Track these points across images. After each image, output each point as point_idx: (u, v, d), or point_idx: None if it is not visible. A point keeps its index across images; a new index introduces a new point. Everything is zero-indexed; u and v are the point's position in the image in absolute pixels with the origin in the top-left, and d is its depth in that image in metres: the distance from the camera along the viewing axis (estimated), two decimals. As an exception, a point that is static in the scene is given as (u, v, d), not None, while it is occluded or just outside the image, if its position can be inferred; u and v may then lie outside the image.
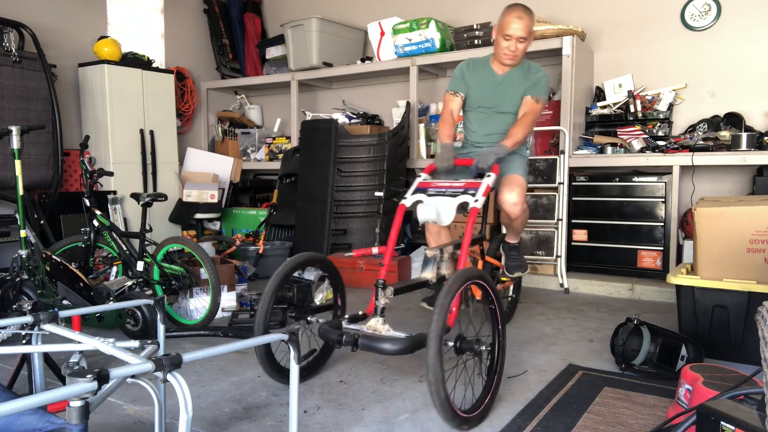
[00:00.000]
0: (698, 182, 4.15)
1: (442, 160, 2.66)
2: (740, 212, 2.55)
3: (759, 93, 4.02)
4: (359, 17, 5.54)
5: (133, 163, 4.69)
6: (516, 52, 2.79)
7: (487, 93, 2.92)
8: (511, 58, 2.81)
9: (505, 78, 2.89)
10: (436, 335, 1.83)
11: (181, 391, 1.14)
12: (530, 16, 2.77)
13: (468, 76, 2.95)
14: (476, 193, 2.39)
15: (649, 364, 2.47)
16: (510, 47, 2.77)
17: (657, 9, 4.33)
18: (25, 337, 1.65)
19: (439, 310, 1.87)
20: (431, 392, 1.82)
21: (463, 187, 2.46)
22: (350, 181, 4.66)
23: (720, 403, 1.38)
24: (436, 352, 1.82)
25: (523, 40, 2.76)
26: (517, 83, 2.86)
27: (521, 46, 2.78)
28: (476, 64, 2.98)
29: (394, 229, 2.49)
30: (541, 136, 4.47)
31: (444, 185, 2.52)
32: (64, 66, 4.53)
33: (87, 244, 3.27)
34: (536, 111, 2.83)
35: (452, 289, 1.94)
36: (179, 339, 3.04)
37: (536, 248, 4.23)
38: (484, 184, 2.43)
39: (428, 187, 2.54)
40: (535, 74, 2.86)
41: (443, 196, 2.46)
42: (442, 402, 1.83)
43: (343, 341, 2.03)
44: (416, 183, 2.62)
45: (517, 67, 2.89)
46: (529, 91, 2.84)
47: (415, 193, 2.54)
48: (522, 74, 2.87)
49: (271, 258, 4.65)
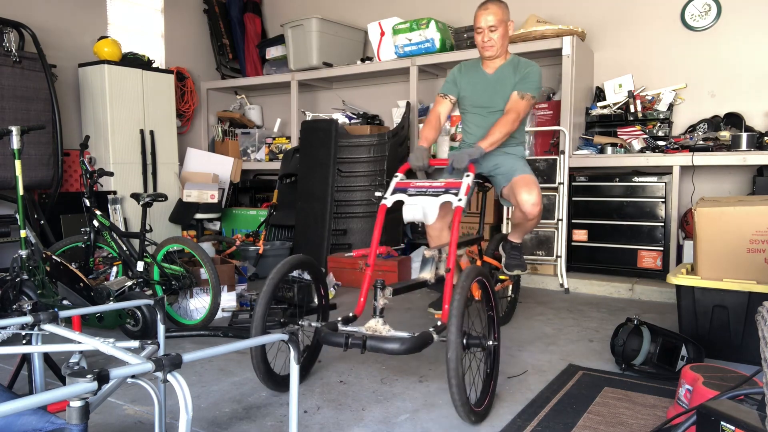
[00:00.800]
0: (698, 182, 4.15)
1: (417, 159, 2.66)
2: (740, 212, 2.55)
3: (759, 93, 4.02)
4: (359, 17, 5.54)
5: (133, 163, 4.69)
6: (491, 42, 2.81)
7: (479, 93, 2.93)
8: (488, 48, 2.83)
9: (496, 76, 2.89)
10: (458, 312, 1.90)
11: (181, 391, 1.14)
12: (498, 5, 2.80)
13: (460, 79, 2.97)
14: (458, 192, 2.38)
15: (649, 364, 2.47)
16: (483, 38, 2.82)
17: (657, 9, 4.33)
18: (25, 337, 1.65)
19: (460, 290, 1.95)
20: (449, 369, 1.87)
21: (444, 187, 2.44)
22: (350, 181, 4.66)
23: (720, 403, 1.38)
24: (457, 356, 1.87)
25: (494, 28, 2.78)
26: (507, 80, 2.85)
27: (495, 35, 2.79)
28: (468, 66, 3.01)
29: (377, 230, 2.46)
30: (541, 136, 4.47)
31: (424, 185, 2.49)
32: (64, 66, 4.53)
33: (87, 244, 3.27)
34: (519, 108, 2.77)
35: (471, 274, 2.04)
36: (179, 339, 3.04)
37: (536, 248, 4.23)
38: (464, 183, 2.41)
39: (407, 187, 2.51)
40: (525, 69, 2.84)
41: (424, 195, 2.45)
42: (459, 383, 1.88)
43: (350, 344, 2.01)
44: (394, 183, 2.57)
45: (507, 64, 2.89)
46: (517, 87, 2.81)
47: (395, 193, 2.51)
48: (512, 70, 2.86)
49: (271, 258, 4.65)
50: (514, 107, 2.77)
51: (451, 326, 1.90)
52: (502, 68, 2.89)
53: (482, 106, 2.93)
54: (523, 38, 4.33)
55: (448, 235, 2.89)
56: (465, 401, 1.91)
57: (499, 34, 2.80)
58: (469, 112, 3.00)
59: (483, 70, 2.94)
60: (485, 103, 2.92)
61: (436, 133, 2.91)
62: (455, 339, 1.87)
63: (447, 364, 1.88)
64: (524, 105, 2.79)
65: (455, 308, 1.92)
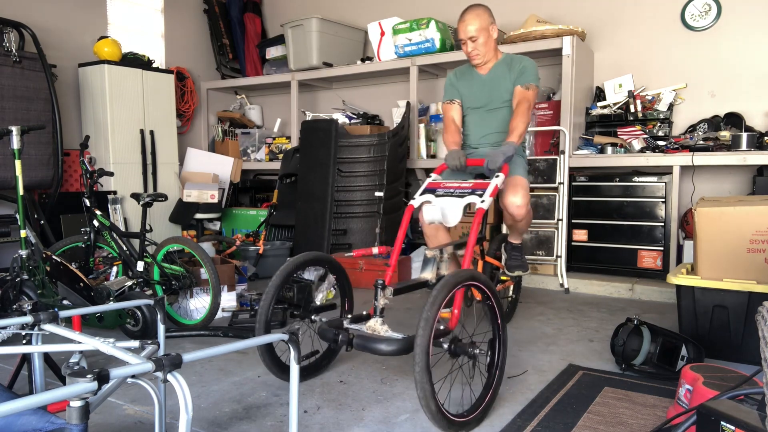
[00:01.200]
0: (698, 182, 4.15)
1: (453, 158, 2.69)
2: (740, 212, 2.55)
3: (759, 93, 4.02)
4: (359, 17, 5.54)
5: (133, 163, 4.69)
6: (476, 50, 2.87)
7: (476, 93, 2.97)
8: (474, 57, 2.91)
9: (490, 76, 2.94)
10: (422, 350, 1.77)
11: (181, 391, 1.14)
12: (476, 12, 2.84)
13: (457, 83, 3.03)
14: (483, 194, 2.40)
15: (649, 364, 2.47)
16: (468, 49, 2.89)
17: (657, 9, 4.33)
18: (25, 337, 1.65)
19: (423, 324, 1.80)
20: (422, 406, 1.80)
21: (471, 188, 2.47)
22: (350, 181, 4.66)
23: (720, 403, 1.38)
24: (423, 368, 1.76)
25: (475, 38, 2.84)
26: (503, 78, 2.90)
27: (478, 43, 2.85)
28: (462, 71, 3.07)
29: (402, 230, 2.50)
30: (541, 136, 4.47)
31: (453, 186, 2.53)
32: (64, 66, 4.53)
33: (87, 244, 3.27)
34: (529, 98, 2.81)
35: (437, 300, 1.86)
36: (179, 339, 3.04)
37: (536, 248, 4.23)
38: (492, 184, 2.44)
39: (437, 188, 2.57)
40: (519, 64, 2.88)
41: (451, 196, 2.47)
42: (434, 414, 1.81)
43: (339, 340, 2.04)
44: (426, 183, 2.64)
45: (500, 63, 2.94)
46: (518, 81, 2.85)
47: (424, 194, 2.56)
48: (506, 68, 2.91)
49: (271, 258, 4.65)
50: (524, 98, 2.80)
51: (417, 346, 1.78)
52: (495, 67, 2.94)
53: (479, 106, 2.98)
54: (523, 38, 4.33)
55: (445, 235, 2.90)
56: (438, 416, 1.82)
57: (482, 42, 2.85)
58: (467, 114, 3.05)
59: (477, 72, 3.00)
60: (482, 102, 2.96)
61: (459, 136, 2.97)
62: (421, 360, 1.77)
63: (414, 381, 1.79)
64: (531, 95, 2.83)
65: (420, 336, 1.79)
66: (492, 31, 2.88)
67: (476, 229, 2.34)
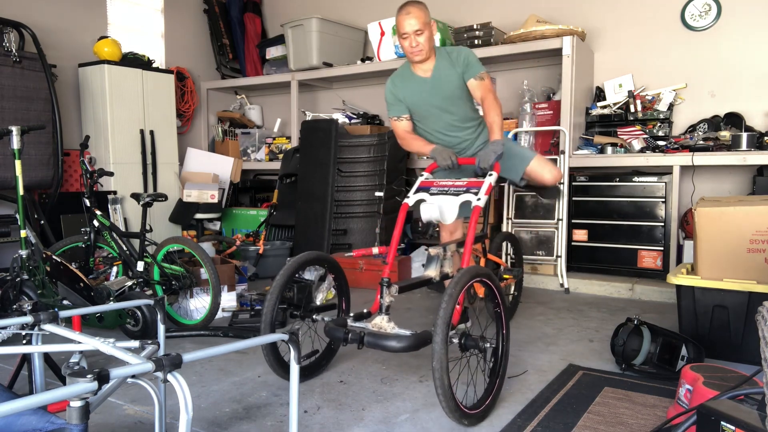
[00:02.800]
0: (698, 182, 4.15)
1: (444, 158, 2.67)
2: (740, 212, 2.55)
3: (759, 93, 4.02)
4: (359, 17, 5.54)
5: (133, 163, 4.69)
6: (419, 47, 2.73)
7: (426, 99, 2.85)
8: (417, 53, 2.75)
9: (435, 77, 2.82)
10: (443, 322, 1.86)
11: (181, 391, 1.14)
12: (419, 7, 2.73)
13: (400, 94, 2.89)
14: (479, 192, 2.40)
15: (650, 364, 2.47)
16: (411, 44, 2.73)
17: (657, 9, 4.33)
18: (26, 337, 1.65)
19: (447, 298, 1.90)
20: (435, 378, 1.84)
21: (465, 186, 2.47)
22: (350, 181, 4.66)
23: (720, 403, 1.38)
24: (442, 339, 1.84)
25: (420, 32, 2.70)
26: (449, 75, 2.79)
27: (421, 39, 2.72)
28: (400, 78, 2.92)
29: (398, 229, 2.51)
30: (541, 136, 4.47)
31: (446, 184, 2.54)
32: (64, 66, 4.53)
33: (87, 244, 3.27)
34: (490, 86, 2.75)
35: (462, 280, 1.97)
36: (179, 339, 3.04)
37: (536, 248, 4.23)
38: (486, 182, 2.44)
39: (430, 186, 2.56)
40: (459, 56, 2.78)
41: (446, 195, 2.47)
42: (445, 390, 1.85)
43: (348, 339, 2.04)
44: (418, 182, 2.64)
45: (438, 59, 2.81)
46: (468, 75, 2.76)
47: (418, 192, 2.56)
48: (447, 63, 2.80)
49: (271, 258, 4.65)
50: (485, 89, 2.74)
51: (436, 335, 1.86)
52: (437, 67, 2.81)
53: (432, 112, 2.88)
54: (523, 38, 4.33)
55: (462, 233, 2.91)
56: (454, 407, 1.89)
57: (425, 37, 2.72)
58: (419, 121, 2.94)
59: (418, 76, 2.85)
60: (436, 104, 2.85)
61: (421, 138, 2.90)
62: (440, 349, 1.84)
63: (432, 373, 1.86)
64: (489, 83, 2.76)
65: (440, 318, 1.87)
66: (433, 27, 2.79)
67: (474, 226, 2.35)
